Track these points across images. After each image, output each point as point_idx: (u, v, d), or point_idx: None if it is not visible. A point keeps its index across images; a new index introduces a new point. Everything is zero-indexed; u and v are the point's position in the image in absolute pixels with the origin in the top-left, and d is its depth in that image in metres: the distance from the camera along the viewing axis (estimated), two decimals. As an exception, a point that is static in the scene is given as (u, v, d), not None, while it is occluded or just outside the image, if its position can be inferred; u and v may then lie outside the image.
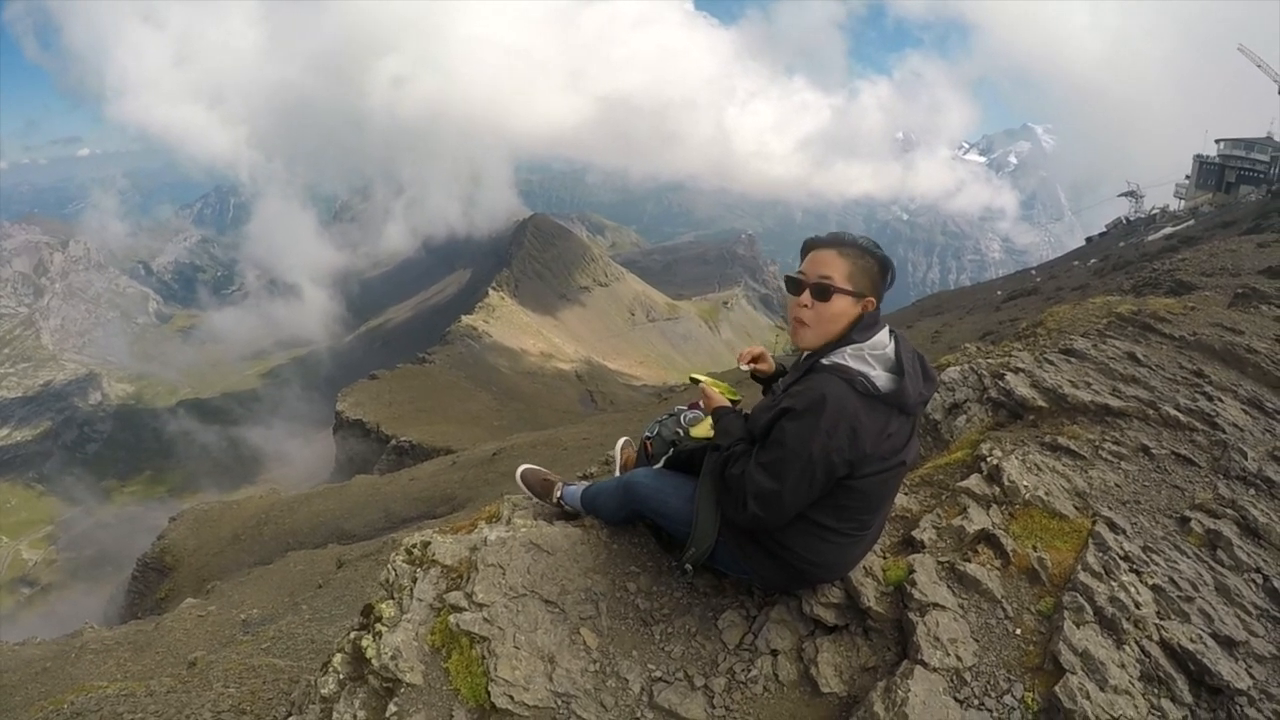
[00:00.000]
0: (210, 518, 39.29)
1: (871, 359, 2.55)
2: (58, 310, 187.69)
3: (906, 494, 3.79)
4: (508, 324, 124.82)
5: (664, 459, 3.30)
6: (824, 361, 2.58)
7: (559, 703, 2.87)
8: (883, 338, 2.61)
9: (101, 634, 18.77)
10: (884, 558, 3.18)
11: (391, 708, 2.97)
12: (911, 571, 2.94)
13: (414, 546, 3.95)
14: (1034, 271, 51.08)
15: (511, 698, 2.86)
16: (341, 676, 3.39)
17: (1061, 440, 3.96)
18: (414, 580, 3.63)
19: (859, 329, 2.60)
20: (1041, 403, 4.48)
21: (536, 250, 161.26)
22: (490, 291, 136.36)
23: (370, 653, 3.19)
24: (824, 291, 2.61)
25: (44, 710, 9.25)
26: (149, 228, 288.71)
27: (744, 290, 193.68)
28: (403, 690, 3.03)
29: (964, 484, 3.53)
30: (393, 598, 3.62)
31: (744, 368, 3.12)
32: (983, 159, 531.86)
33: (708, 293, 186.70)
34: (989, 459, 3.69)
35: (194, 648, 13.47)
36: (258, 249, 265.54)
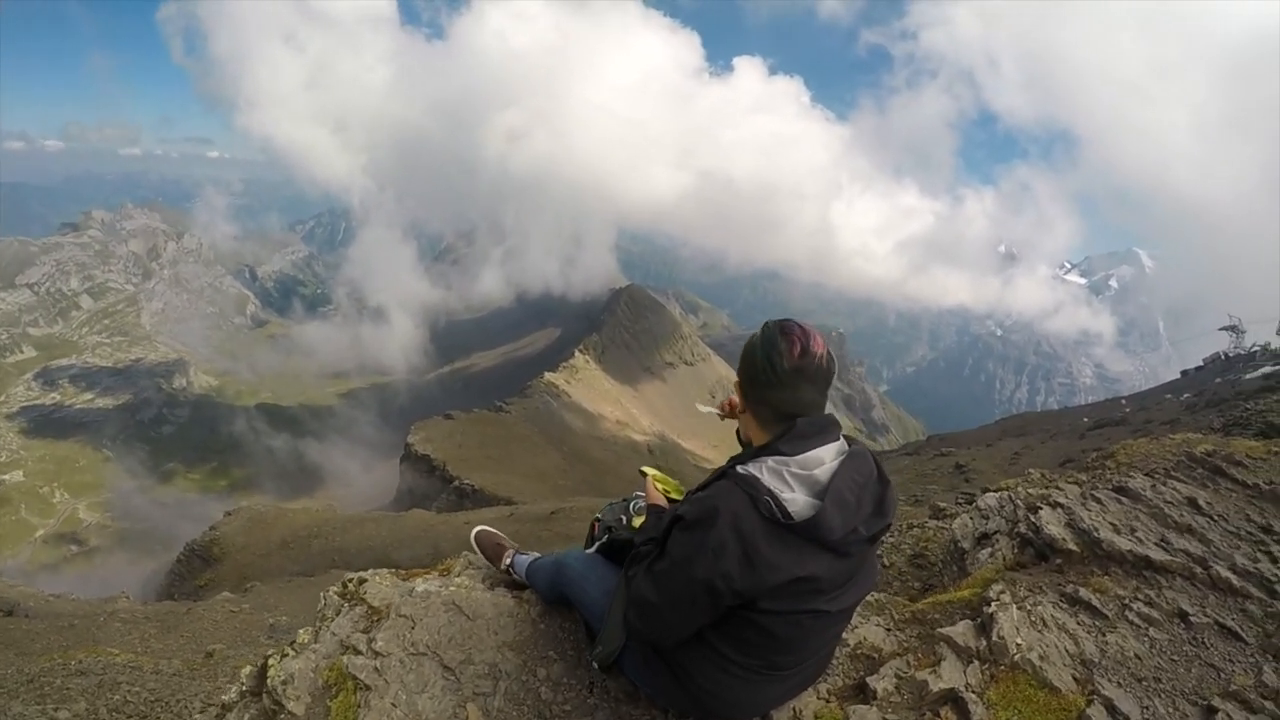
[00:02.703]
0: (264, 520, 40.35)
1: (792, 478, 2.10)
2: (161, 295, 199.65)
3: (888, 630, 3.29)
4: (588, 387, 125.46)
5: (596, 545, 3.06)
6: (737, 469, 2.17)
7: (412, 774, 2.66)
8: (820, 455, 2.15)
9: (134, 606, 19.64)
10: (826, 701, 2.72)
11: (266, 730, 2.98)
12: (845, 726, 2.47)
13: (350, 581, 3.88)
14: (1124, 401, 48.79)
15: (368, 753, 2.70)
16: (244, 689, 3.42)
17: (1084, 593, 3.36)
18: (337, 613, 3.56)
19: (788, 439, 2.15)
20: (1072, 545, 3.88)
21: (628, 320, 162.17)
22: (576, 353, 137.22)
23: (271, 673, 3.18)
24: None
25: (52, 661, 9.52)
26: (255, 234, 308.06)
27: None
28: (282, 716, 2.99)
29: (947, 630, 3.01)
30: (314, 626, 3.56)
31: (704, 410, 2.84)
32: (1083, 280, 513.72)
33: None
34: (993, 603, 3.17)
35: (217, 639, 13.84)
36: (355, 271, 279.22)
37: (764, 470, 2.11)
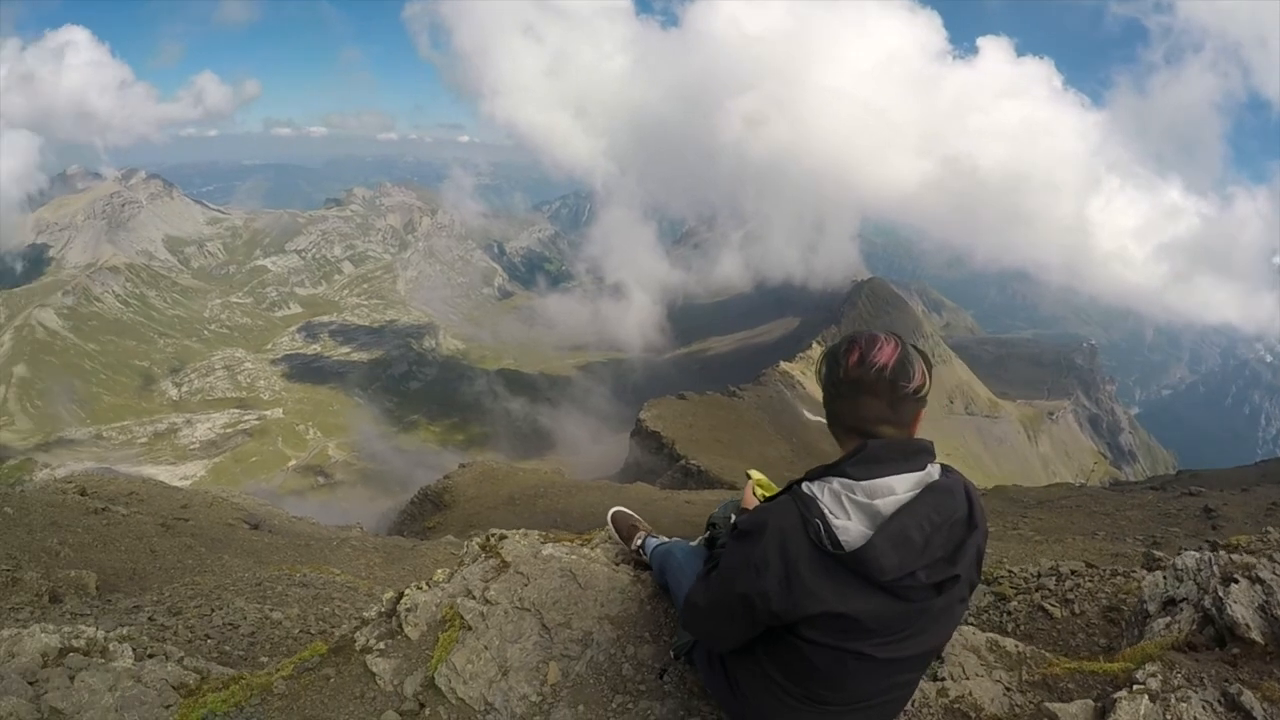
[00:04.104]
0: (495, 475, 43.00)
1: (851, 505, 1.91)
2: (416, 264, 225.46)
3: (1008, 691, 2.99)
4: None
5: (701, 539, 3.14)
6: (802, 486, 2.03)
7: (483, 708, 2.99)
8: (890, 484, 1.93)
9: (365, 537, 21.96)
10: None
11: (380, 645, 3.44)
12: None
13: (493, 535, 4.26)
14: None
15: (449, 682, 3.09)
16: (383, 609, 3.87)
17: (1248, 697, 2.74)
18: (474, 561, 3.97)
19: (857, 461, 1.95)
20: (1255, 635, 3.22)
21: (868, 314, 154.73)
22: (814, 344, 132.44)
23: (403, 601, 3.71)
24: None
25: (281, 570, 11.00)
26: (503, 213, 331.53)
27: (1073, 404, 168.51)
28: (399, 638, 3.46)
29: (1056, 707, 2.69)
30: (452, 569, 4.04)
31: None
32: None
33: (1035, 398, 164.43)
34: (1133, 687, 2.78)
35: (434, 575, 15.23)
36: (596, 250, 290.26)
37: (826, 492, 1.95)
